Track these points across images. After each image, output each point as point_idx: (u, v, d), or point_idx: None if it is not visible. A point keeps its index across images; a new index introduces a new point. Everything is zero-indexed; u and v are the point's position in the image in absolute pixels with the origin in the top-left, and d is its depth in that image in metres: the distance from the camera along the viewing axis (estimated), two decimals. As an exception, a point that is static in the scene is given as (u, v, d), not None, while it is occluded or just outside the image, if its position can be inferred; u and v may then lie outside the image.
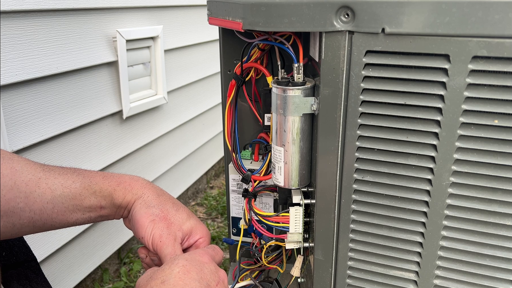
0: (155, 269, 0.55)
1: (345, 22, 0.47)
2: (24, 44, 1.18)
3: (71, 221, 0.60)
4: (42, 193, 0.57)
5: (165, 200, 0.64)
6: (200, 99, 2.27)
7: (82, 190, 0.59)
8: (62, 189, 0.58)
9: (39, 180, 0.57)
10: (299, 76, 0.57)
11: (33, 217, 0.56)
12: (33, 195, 0.56)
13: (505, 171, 0.48)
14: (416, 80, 0.47)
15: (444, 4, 0.43)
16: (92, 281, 1.68)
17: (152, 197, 0.63)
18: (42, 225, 0.57)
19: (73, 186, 0.59)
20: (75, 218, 0.60)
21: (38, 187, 0.57)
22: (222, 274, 0.58)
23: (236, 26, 0.54)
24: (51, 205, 0.57)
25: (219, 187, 2.54)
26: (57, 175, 0.59)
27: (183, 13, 2.00)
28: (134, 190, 0.62)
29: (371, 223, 0.55)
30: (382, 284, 0.58)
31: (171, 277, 0.51)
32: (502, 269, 0.52)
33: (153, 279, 0.52)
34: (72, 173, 0.60)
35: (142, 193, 0.62)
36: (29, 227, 0.57)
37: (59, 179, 0.59)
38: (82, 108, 1.43)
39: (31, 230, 0.57)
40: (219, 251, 0.64)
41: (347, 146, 0.52)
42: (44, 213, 0.57)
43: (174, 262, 0.54)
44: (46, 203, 0.57)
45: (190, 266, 0.53)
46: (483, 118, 0.46)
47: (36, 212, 0.56)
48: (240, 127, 0.76)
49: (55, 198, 0.57)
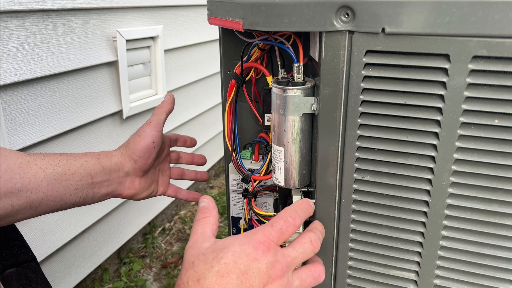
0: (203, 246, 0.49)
1: (345, 22, 0.47)
2: (24, 44, 1.18)
3: (65, 198, 0.64)
4: (35, 173, 0.61)
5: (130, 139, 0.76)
6: (200, 99, 2.27)
7: (69, 165, 0.65)
8: (52, 168, 0.63)
9: (28, 162, 0.61)
10: (299, 76, 0.57)
11: (30, 197, 0.59)
12: (27, 175, 0.60)
13: (505, 171, 0.48)
14: (416, 80, 0.47)
15: (444, 4, 0.43)
16: (92, 281, 1.68)
17: (125, 143, 0.75)
18: (38, 205, 0.61)
19: (60, 163, 0.64)
20: (68, 194, 0.64)
21: (30, 168, 0.61)
22: (272, 272, 0.48)
23: (236, 26, 0.54)
24: (45, 183, 0.61)
25: (219, 187, 2.54)
26: (43, 156, 0.64)
27: (183, 13, 2.00)
28: (113, 153, 0.72)
29: (371, 223, 0.55)
30: (382, 284, 0.58)
31: (208, 276, 0.45)
32: (502, 269, 0.52)
33: (195, 267, 0.47)
34: (55, 155, 0.66)
35: (121, 149, 0.74)
36: (26, 208, 0.60)
37: (46, 160, 0.63)
38: (82, 108, 1.43)
39: (28, 211, 0.60)
40: (304, 209, 0.54)
41: (347, 146, 0.52)
42: (40, 192, 0.60)
43: (219, 254, 0.47)
44: (41, 181, 0.61)
45: (232, 265, 0.46)
46: (483, 118, 0.46)
47: (32, 191, 0.59)
48: (240, 127, 0.76)
49: (48, 175, 0.62)
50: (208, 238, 0.50)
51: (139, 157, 0.73)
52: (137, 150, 0.72)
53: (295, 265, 0.51)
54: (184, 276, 0.47)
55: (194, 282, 0.46)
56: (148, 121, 0.77)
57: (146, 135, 0.74)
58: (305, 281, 0.51)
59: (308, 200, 0.56)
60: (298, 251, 0.50)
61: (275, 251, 0.48)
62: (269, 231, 0.49)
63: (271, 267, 0.47)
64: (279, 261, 0.48)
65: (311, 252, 0.51)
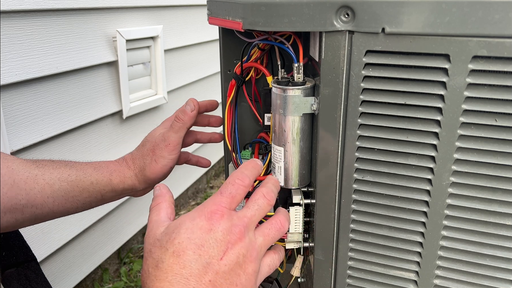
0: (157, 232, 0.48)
1: (345, 22, 0.47)
2: (24, 44, 1.18)
3: (72, 211, 0.63)
4: (42, 189, 0.59)
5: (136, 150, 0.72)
6: (200, 99, 2.27)
7: (78, 182, 0.62)
8: (60, 183, 0.60)
9: (36, 177, 0.59)
10: (299, 76, 0.57)
11: (35, 212, 0.58)
12: (33, 191, 0.58)
13: (505, 171, 0.48)
14: (416, 80, 0.47)
15: (444, 4, 0.43)
16: (92, 281, 1.68)
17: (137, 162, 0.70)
18: (44, 217, 0.60)
19: (69, 179, 0.61)
20: (75, 207, 0.62)
21: (37, 183, 0.58)
22: (229, 237, 0.46)
23: (236, 26, 0.54)
24: (51, 199, 0.59)
25: (219, 187, 2.54)
26: (51, 169, 0.61)
27: (183, 13, 2.00)
28: (127, 174, 0.68)
29: (371, 223, 0.55)
30: (382, 284, 0.58)
31: (165, 259, 0.45)
32: (502, 269, 0.52)
33: (152, 255, 0.46)
34: (64, 166, 0.63)
35: (133, 171, 0.69)
36: (31, 221, 0.59)
37: (55, 174, 0.61)
38: (82, 108, 1.43)
39: (33, 222, 0.60)
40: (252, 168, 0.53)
41: (347, 146, 0.52)
42: (46, 207, 0.59)
43: (172, 235, 0.46)
44: (47, 198, 0.59)
45: (186, 242, 0.45)
46: (483, 118, 0.46)
47: (38, 207, 0.58)
48: (240, 127, 0.76)
49: (55, 192, 0.60)
50: (162, 223, 0.49)
51: (154, 182, 0.69)
52: (152, 176, 0.68)
53: (254, 223, 0.50)
54: (145, 265, 0.46)
55: (153, 269, 0.45)
56: (166, 140, 0.68)
57: (163, 161, 0.68)
58: (268, 235, 0.51)
59: (254, 160, 0.55)
60: (253, 208, 0.49)
61: (229, 216, 0.47)
62: (219, 198, 0.48)
63: (228, 232, 0.46)
64: (236, 224, 0.47)
65: (267, 205, 0.51)
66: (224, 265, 0.45)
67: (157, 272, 0.44)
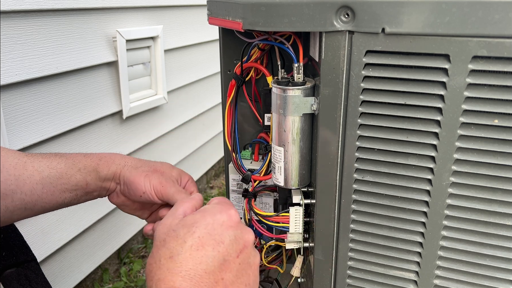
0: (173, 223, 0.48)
1: (345, 22, 0.47)
2: (24, 44, 1.18)
3: (60, 201, 0.62)
4: (31, 175, 0.59)
5: (147, 161, 0.68)
6: (200, 99, 2.27)
7: (67, 169, 0.62)
8: (49, 170, 0.60)
9: (25, 164, 0.59)
10: (299, 76, 0.57)
11: (24, 199, 0.58)
12: (22, 177, 0.58)
13: (505, 171, 0.48)
14: (416, 80, 0.47)
15: (444, 4, 0.43)
16: (92, 281, 1.68)
17: (135, 161, 0.66)
18: (33, 207, 0.59)
19: (58, 167, 0.61)
20: (63, 197, 0.62)
21: (26, 169, 0.59)
22: (247, 236, 0.49)
23: (236, 26, 0.54)
24: (40, 186, 0.59)
25: (219, 187, 2.54)
26: (41, 158, 0.61)
27: (183, 13, 2.00)
28: (117, 161, 0.65)
29: (371, 223, 0.55)
30: (382, 284, 0.58)
31: (181, 252, 0.44)
32: (502, 269, 0.52)
33: (166, 244, 0.45)
34: (54, 156, 0.63)
35: (124, 162, 0.66)
36: (20, 210, 0.58)
37: (44, 162, 0.61)
38: (82, 108, 1.43)
39: (23, 213, 0.59)
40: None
41: (347, 146, 0.52)
42: (35, 194, 0.59)
43: (192, 228, 0.45)
44: (36, 184, 0.59)
45: (206, 238, 0.45)
46: (483, 118, 0.46)
47: (27, 194, 0.58)
48: (240, 127, 0.76)
49: (44, 179, 0.59)
50: (177, 216, 0.49)
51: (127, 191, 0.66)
52: (131, 197, 0.66)
53: None
54: (156, 254, 0.45)
55: (166, 260, 0.44)
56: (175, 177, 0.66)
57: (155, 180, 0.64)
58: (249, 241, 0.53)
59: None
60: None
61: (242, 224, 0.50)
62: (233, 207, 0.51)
63: (247, 231, 0.49)
64: (247, 230, 0.50)
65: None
66: (238, 264, 0.45)
67: (170, 264, 0.43)
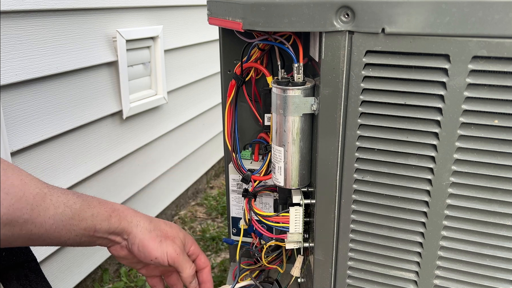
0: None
1: (345, 22, 0.47)
2: (24, 44, 1.18)
3: (62, 240, 0.61)
4: (46, 208, 0.58)
5: (157, 222, 0.70)
6: (200, 99, 2.27)
7: (80, 211, 0.62)
8: (64, 208, 0.60)
9: (44, 195, 0.58)
10: (299, 76, 0.57)
11: (32, 230, 0.57)
12: (38, 208, 0.57)
13: (505, 171, 0.48)
14: (416, 80, 0.47)
15: (444, 4, 0.43)
16: (92, 281, 1.68)
17: (146, 223, 0.68)
18: (36, 239, 0.59)
19: (74, 207, 0.61)
20: (67, 238, 0.61)
21: (44, 201, 0.58)
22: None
23: (236, 26, 0.54)
24: (51, 221, 0.58)
25: (219, 187, 2.54)
26: (60, 193, 0.61)
27: (183, 13, 2.00)
28: (128, 218, 0.67)
29: (371, 223, 0.55)
30: (382, 284, 0.58)
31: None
32: (502, 269, 0.52)
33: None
34: (72, 195, 0.63)
35: (136, 221, 0.67)
36: (24, 239, 0.57)
37: (62, 198, 0.60)
38: (82, 108, 1.43)
39: (25, 242, 0.58)
40: None
41: (347, 146, 0.52)
42: (43, 228, 0.58)
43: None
44: (48, 218, 0.58)
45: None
46: (483, 118, 0.46)
47: (36, 226, 0.57)
48: (240, 127, 0.76)
49: (56, 215, 0.59)
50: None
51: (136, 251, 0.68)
52: (140, 258, 0.68)
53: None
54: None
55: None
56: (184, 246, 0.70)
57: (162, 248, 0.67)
58: None
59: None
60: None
61: None
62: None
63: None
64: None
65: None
66: None
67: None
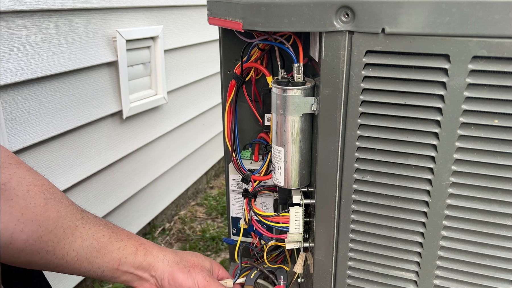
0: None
1: (345, 22, 0.47)
2: (24, 44, 1.18)
3: (82, 272, 0.59)
4: (73, 241, 0.57)
5: (182, 254, 0.70)
6: (200, 99, 2.27)
7: (107, 244, 0.61)
8: (91, 240, 0.59)
9: (75, 228, 0.58)
10: (299, 76, 0.57)
11: (51, 260, 0.55)
12: (65, 241, 0.56)
13: (505, 171, 0.48)
14: (416, 80, 0.47)
15: (444, 4, 0.43)
16: (92, 281, 1.68)
17: (172, 256, 0.68)
18: (53, 268, 0.57)
19: (101, 239, 0.60)
20: (87, 270, 0.59)
21: (73, 234, 0.57)
22: None
23: (236, 26, 0.54)
24: (74, 253, 0.57)
25: (219, 187, 2.54)
26: (91, 225, 0.60)
27: (183, 13, 2.00)
28: (154, 253, 0.67)
29: (371, 223, 0.55)
30: (382, 284, 0.58)
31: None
32: (502, 269, 0.52)
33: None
34: (104, 226, 0.62)
35: (162, 255, 0.67)
36: (39, 266, 0.56)
37: (92, 230, 0.60)
38: (82, 108, 1.43)
39: (39, 268, 0.57)
40: None
41: (347, 146, 0.52)
42: (64, 259, 0.56)
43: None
44: (72, 251, 0.57)
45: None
46: (483, 118, 0.46)
47: (57, 257, 0.56)
48: (240, 127, 0.76)
49: (82, 248, 0.58)
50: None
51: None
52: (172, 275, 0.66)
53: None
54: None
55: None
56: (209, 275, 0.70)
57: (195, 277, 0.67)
58: None
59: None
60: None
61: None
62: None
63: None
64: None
65: None
66: None
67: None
